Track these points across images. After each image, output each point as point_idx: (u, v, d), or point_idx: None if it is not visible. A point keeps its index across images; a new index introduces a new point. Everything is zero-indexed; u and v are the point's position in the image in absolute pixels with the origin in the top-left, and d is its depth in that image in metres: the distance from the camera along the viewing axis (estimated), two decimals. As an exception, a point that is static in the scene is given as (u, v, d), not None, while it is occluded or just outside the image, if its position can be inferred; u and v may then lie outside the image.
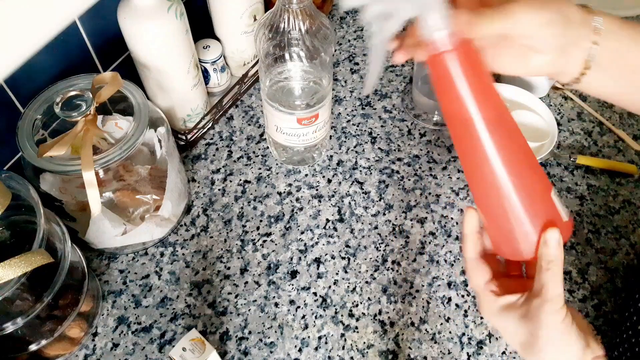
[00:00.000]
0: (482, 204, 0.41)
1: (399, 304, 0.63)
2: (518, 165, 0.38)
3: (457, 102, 0.37)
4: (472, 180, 0.41)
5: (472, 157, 0.39)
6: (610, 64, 0.39)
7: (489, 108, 0.37)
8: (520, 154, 0.39)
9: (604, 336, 0.61)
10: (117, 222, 0.59)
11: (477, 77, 0.37)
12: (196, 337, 0.51)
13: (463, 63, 0.36)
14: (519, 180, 0.38)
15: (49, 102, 0.56)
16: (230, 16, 0.74)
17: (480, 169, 0.38)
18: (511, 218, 0.39)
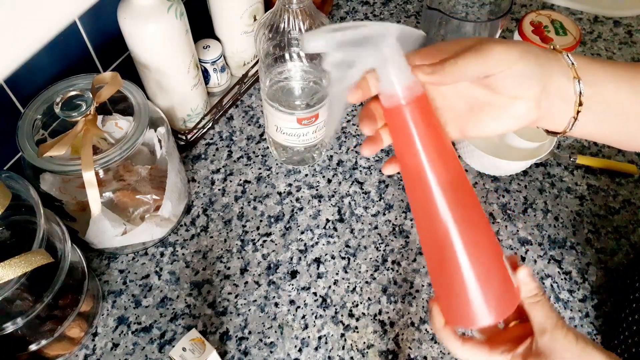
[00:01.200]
0: (435, 269, 0.40)
1: (399, 304, 0.63)
2: (472, 227, 0.37)
3: (412, 155, 0.37)
4: (425, 242, 0.40)
5: (425, 216, 0.38)
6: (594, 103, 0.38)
7: (443, 163, 0.37)
8: (473, 216, 0.38)
9: (604, 336, 0.61)
10: (117, 222, 0.59)
11: (433, 131, 0.37)
12: (196, 337, 0.51)
13: (420, 117, 0.36)
14: (473, 245, 0.37)
15: (49, 102, 0.56)
16: (230, 16, 0.74)
17: (433, 229, 0.38)
18: (466, 282, 0.37)
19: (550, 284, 0.64)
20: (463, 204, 0.37)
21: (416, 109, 0.36)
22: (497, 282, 0.38)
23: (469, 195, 0.38)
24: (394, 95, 0.36)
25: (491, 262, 0.38)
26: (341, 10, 0.95)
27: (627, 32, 0.92)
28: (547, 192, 0.73)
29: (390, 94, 0.36)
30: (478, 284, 0.37)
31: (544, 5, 0.96)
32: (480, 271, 0.37)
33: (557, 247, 0.68)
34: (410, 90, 0.36)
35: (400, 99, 0.36)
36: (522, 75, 0.36)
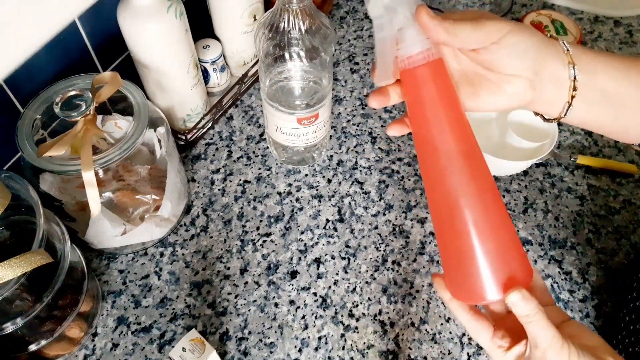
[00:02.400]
0: (444, 238, 0.39)
1: (399, 304, 0.63)
2: (482, 195, 0.37)
3: (426, 118, 0.37)
4: (434, 209, 0.39)
5: (436, 183, 0.38)
6: (589, 90, 0.39)
7: (457, 128, 0.37)
8: (484, 184, 0.37)
9: (604, 337, 0.61)
10: (117, 222, 0.58)
11: (449, 95, 0.37)
12: (196, 337, 0.51)
13: (437, 79, 0.37)
14: (484, 212, 0.37)
15: (49, 102, 0.56)
16: (230, 16, 0.74)
17: (443, 195, 0.37)
18: (475, 253, 0.36)
19: (551, 284, 0.64)
20: (475, 171, 0.37)
21: (434, 71, 0.37)
22: (507, 254, 0.37)
23: (480, 163, 0.38)
24: (414, 55, 0.36)
25: (502, 232, 0.37)
26: (341, 10, 0.95)
27: (627, 31, 0.92)
28: (548, 192, 0.73)
29: (410, 54, 0.37)
30: (487, 255, 0.36)
31: (544, 5, 0.96)
32: (490, 241, 0.36)
33: (557, 247, 0.68)
34: (430, 52, 0.36)
35: (420, 59, 0.36)
36: (516, 51, 0.37)
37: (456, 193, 0.37)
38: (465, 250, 0.37)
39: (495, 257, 0.37)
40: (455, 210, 0.37)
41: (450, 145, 0.37)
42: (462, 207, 0.36)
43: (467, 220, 0.36)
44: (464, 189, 0.36)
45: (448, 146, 0.37)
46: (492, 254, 0.36)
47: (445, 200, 0.37)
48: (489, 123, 0.74)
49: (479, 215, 0.36)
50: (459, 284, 0.39)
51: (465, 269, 0.38)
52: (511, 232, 0.38)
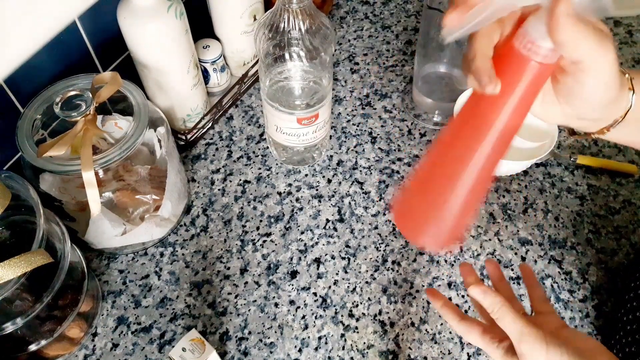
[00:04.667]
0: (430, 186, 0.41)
1: (399, 304, 0.63)
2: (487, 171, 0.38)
3: (505, 97, 0.36)
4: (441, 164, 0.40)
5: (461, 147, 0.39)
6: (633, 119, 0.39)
7: (518, 120, 0.37)
8: (493, 165, 0.39)
9: (604, 337, 0.61)
10: (117, 222, 0.58)
11: (533, 97, 0.36)
12: (196, 337, 0.51)
13: (538, 79, 0.35)
14: (478, 182, 0.38)
15: (49, 102, 0.56)
16: (230, 16, 0.74)
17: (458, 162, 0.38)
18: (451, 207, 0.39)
19: (551, 284, 0.64)
20: (498, 155, 0.38)
21: (543, 71, 0.34)
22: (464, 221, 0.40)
23: (504, 150, 0.39)
24: (538, 48, 0.33)
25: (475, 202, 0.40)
26: (341, 10, 0.95)
27: (627, 32, 0.92)
28: (548, 192, 0.73)
29: (534, 44, 0.33)
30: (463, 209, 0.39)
31: (544, 5, 0.96)
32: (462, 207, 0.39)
33: (557, 247, 0.68)
34: (552, 53, 0.33)
35: (546, 55, 0.33)
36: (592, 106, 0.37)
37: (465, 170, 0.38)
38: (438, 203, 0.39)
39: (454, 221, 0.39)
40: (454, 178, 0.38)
41: (506, 126, 0.36)
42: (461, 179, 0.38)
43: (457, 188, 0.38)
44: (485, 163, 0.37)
45: (504, 127, 0.36)
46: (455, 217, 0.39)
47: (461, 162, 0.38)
48: (489, 123, 0.74)
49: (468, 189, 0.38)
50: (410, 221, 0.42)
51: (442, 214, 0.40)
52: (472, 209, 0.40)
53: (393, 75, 0.86)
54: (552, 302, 0.63)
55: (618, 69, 0.35)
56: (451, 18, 0.35)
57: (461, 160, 0.38)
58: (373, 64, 0.87)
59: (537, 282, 0.48)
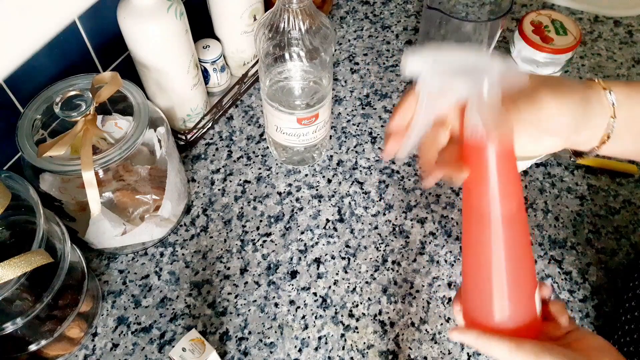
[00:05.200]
0: (470, 286, 0.42)
1: (399, 304, 0.63)
2: (517, 261, 0.39)
3: (484, 194, 0.37)
4: (469, 260, 0.41)
5: (478, 243, 0.40)
6: (625, 132, 0.40)
7: (512, 204, 0.38)
8: (522, 251, 0.40)
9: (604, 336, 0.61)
10: (117, 222, 0.58)
11: (510, 173, 0.37)
12: (196, 337, 0.51)
13: (501, 158, 0.36)
14: (512, 274, 0.39)
15: (49, 102, 0.56)
16: (230, 16, 0.74)
17: (482, 255, 0.39)
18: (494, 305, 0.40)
19: (551, 284, 0.64)
20: (516, 238, 0.39)
21: (500, 149, 0.36)
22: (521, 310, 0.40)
23: (523, 230, 0.40)
24: (481, 132, 0.35)
25: (523, 290, 0.40)
26: (341, 10, 0.95)
27: (627, 32, 0.92)
28: (548, 192, 0.73)
29: (477, 131, 0.35)
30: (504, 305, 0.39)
31: (544, 5, 0.96)
32: (511, 294, 0.39)
33: (557, 247, 0.68)
34: (499, 131, 0.35)
35: (487, 138, 0.35)
36: (562, 127, 0.39)
37: (499, 254, 0.38)
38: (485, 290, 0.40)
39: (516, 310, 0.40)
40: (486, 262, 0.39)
41: (503, 214, 0.37)
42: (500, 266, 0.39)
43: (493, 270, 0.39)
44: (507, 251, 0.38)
45: (501, 215, 0.37)
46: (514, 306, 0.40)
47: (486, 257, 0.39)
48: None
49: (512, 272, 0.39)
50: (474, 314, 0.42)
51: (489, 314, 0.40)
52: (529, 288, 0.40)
53: (393, 75, 0.86)
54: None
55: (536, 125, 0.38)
56: (390, 149, 0.40)
57: (486, 253, 0.39)
58: (373, 64, 0.87)
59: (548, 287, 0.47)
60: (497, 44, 0.84)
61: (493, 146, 0.35)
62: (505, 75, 0.33)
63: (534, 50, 0.73)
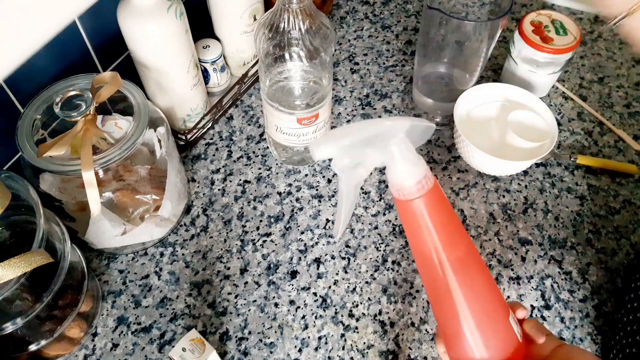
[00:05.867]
0: (445, 330, 0.42)
1: (399, 304, 0.63)
2: (480, 298, 0.40)
3: (424, 244, 0.39)
4: (435, 306, 0.42)
5: (437, 290, 0.40)
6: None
7: (456, 249, 0.39)
8: (482, 287, 0.40)
9: (604, 337, 0.61)
10: (117, 222, 0.58)
11: (445, 220, 0.39)
12: (196, 337, 0.51)
13: (431, 208, 0.38)
14: (479, 313, 0.40)
15: (49, 102, 0.56)
16: (230, 16, 0.74)
17: (444, 301, 0.40)
18: (472, 345, 0.40)
19: (551, 284, 0.64)
20: (471, 278, 0.40)
21: (427, 200, 0.37)
22: (500, 342, 0.41)
23: (477, 268, 0.40)
24: (404, 189, 0.37)
25: (496, 322, 0.40)
26: (341, 10, 0.95)
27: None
28: (548, 192, 0.73)
29: (400, 188, 0.37)
30: (482, 343, 0.40)
31: (544, 5, 0.96)
32: (485, 331, 0.40)
33: (557, 247, 0.68)
34: (421, 184, 0.37)
35: (411, 193, 0.37)
36: None
37: (456, 296, 0.39)
38: (463, 335, 0.40)
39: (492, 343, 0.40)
40: (455, 308, 0.40)
41: (449, 258, 0.39)
42: (461, 307, 0.39)
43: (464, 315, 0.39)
44: (463, 291, 0.39)
45: (447, 260, 0.39)
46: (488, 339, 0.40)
47: (446, 301, 0.40)
48: (489, 123, 0.74)
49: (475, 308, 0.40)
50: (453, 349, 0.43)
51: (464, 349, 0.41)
52: (506, 318, 0.41)
53: (393, 75, 0.86)
54: (552, 302, 0.63)
55: None
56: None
57: (445, 296, 0.39)
58: (373, 64, 0.87)
59: (526, 311, 0.47)
60: (497, 44, 0.84)
61: (419, 197, 0.37)
62: (414, 131, 0.36)
63: (534, 50, 0.73)
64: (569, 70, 0.86)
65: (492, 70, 0.86)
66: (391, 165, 0.37)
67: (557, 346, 0.41)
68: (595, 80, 0.85)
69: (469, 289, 0.39)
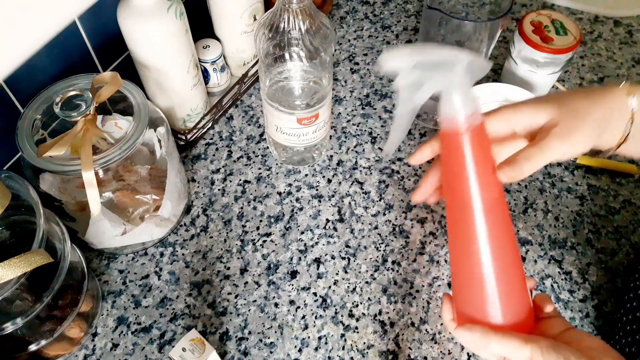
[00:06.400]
0: (460, 278, 0.42)
1: (399, 304, 0.63)
2: (504, 248, 0.40)
3: (462, 180, 0.39)
4: (457, 256, 0.42)
5: (463, 234, 0.40)
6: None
7: (491, 190, 0.39)
8: (508, 238, 0.40)
9: (604, 337, 0.61)
10: (117, 222, 0.58)
11: (486, 160, 0.39)
12: (196, 337, 0.51)
13: (476, 144, 0.38)
14: (502, 262, 0.40)
15: (49, 102, 0.56)
16: (230, 16, 0.74)
17: (469, 249, 0.40)
18: (489, 297, 0.40)
19: (551, 284, 0.64)
20: (500, 223, 0.40)
21: (474, 135, 0.38)
22: (516, 300, 0.41)
23: (505, 217, 0.41)
24: (455, 120, 0.38)
25: (516, 277, 0.40)
26: (341, 10, 0.95)
27: (627, 32, 0.92)
28: (548, 192, 0.73)
29: (451, 119, 0.38)
30: (499, 297, 0.40)
31: (544, 5, 0.96)
32: (504, 283, 0.40)
33: (557, 247, 0.68)
34: (471, 119, 0.37)
35: (461, 124, 0.37)
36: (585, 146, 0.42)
37: (483, 243, 0.39)
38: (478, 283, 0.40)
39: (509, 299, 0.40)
40: (481, 259, 0.40)
41: (483, 202, 0.39)
42: (487, 257, 0.39)
43: (485, 270, 0.39)
44: (491, 240, 0.39)
45: (481, 204, 0.39)
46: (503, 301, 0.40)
47: (471, 249, 0.40)
48: (489, 123, 0.74)
49: (497, 268, 0.39)
50: (466, 316, 0.42)
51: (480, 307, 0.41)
52: (520, 282, 0.41)
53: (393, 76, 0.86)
54: (552, 302, 0.63)
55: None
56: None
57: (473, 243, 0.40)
58: (373, 63, 0.87)
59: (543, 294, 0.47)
60: (497, 44, 0.84)
61: (467, 131, 0.38)
62: (473, 65, 0.36)
63: (534, 50, 0.73)
64: (569, 70, 0.86)
65: (492, 70, 0.86)
66: (449, 94, 0.37)
67: (566, 328, 0.41)
68: (595, 80, 0.85)
69: (496, 233, 0.39)
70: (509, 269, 0.40)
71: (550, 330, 0.41)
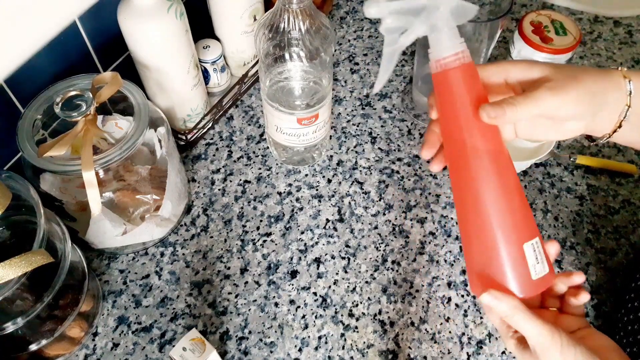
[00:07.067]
0: (463, 224, 0.42)
1: (398, 304, 0.63)
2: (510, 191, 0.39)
3: (458, 121, 0.39)
4: (462, 205, 0.41)
5: (464, 180, 0.40)
6: (638, 121, 0.41)
7: (486, 129, 0.39)
8: (514, 184, 0.40)
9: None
10: (117, 222, 0.59)
11: (480, 97, 0.39)
12: (196, 337, 0.51)
13: (466, 81, 0.39)
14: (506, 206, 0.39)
15: (49, 102, 0.56)
16: (230, 16, 0.74)
17: (467, 190, 0.40)
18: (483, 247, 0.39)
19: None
20: (502, 171, 0.39)
21: (462, 74, 0.39)
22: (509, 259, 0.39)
23: (507, 163, 0.40)
24: (442, 60, 0.38)
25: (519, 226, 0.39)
26: (341, 10, 0.95)
27: (627, 32, 0.92)
28: (547, 192, 0.73)
29: (438, 60, 0.39)
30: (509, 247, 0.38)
31: (544, 5, 0.96)
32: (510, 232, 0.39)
33: (557, 247, 0.68)
34: (458, 57, 0.38)
35: (448, 63, 0.38)
36: (576, 113, 0.41)
37: (482, 189, 0.39)
38: (488, 247, 0.39)
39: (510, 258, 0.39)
40: (480, 205, 0.39)
41: (480, 144, 0.39)
42: (486, 203, 0.39)
43: (489, 215, 0.39)
44: (491, 185, 0.39)
45: (478, 145, 0.39)
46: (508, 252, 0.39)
47: (471, 194, 0.39)
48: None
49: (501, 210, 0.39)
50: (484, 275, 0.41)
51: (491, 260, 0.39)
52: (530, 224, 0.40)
53: (393, 75, 0.86)
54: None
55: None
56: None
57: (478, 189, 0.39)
58: (373, 64, 0.87)
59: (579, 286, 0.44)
60: (497, 44, 0.84)
61: (456, 69, 0.38)
62: (456, 8, 0.37)
63: (534, 51, 0.73)
64: (568, 70, 0.86)
65: (492, 70, 0.86)
66: (433, 36, 0.38)
67: (586, 327, 0.41)
68: (595, 80, 0.85)
69: (498, 176, 0.39)
70: (516, 210, 0.39)
71: (570, 326, 0.41)
